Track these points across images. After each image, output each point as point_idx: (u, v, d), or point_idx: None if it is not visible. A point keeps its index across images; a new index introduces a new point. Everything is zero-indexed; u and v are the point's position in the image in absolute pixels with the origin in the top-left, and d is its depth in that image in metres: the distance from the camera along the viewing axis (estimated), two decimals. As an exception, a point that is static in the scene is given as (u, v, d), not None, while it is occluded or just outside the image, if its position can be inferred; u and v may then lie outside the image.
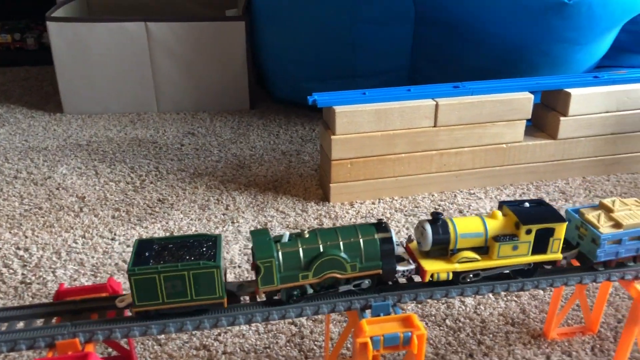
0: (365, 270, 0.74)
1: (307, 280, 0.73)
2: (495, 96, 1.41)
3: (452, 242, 0.75)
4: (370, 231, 0.74)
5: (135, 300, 0.69)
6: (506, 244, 0.75)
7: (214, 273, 0.69)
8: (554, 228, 0.76)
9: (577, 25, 1.50)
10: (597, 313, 0.99)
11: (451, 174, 1.46)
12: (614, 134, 1.51)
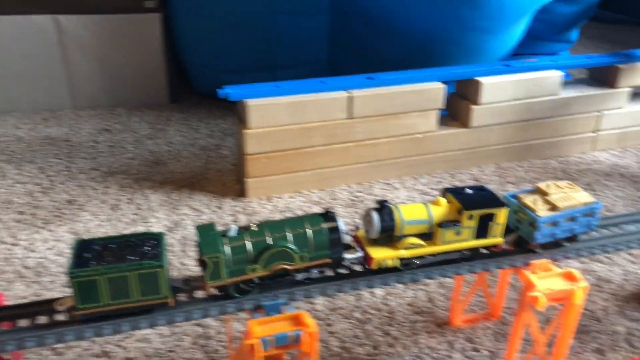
0: (315, 260, 0.74)
1: (256, 273, 0.72)
2: (409, 87, 1.42)
3: (397, 228, 0.76)
4: (318, 221, 0.74)
5: (77, 303, 0.67)
6: (450, 229, 0.77)
7: (158, 273, 0.68)
8: (495, 213, 0.78)
9: (487, 14, 1.52)
10: (499, 299, 1.01)
11: (368, 165, 1.46)
12: (525, 121, 1.55)
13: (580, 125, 1.60)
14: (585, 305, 1.05)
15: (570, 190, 0.85)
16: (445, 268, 0.80)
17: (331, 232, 0.73)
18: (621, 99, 1.61)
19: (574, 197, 0.83)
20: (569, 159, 1.60)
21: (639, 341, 0.97)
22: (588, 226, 0.85)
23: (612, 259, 1.17)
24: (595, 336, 0.98)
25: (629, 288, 1.10)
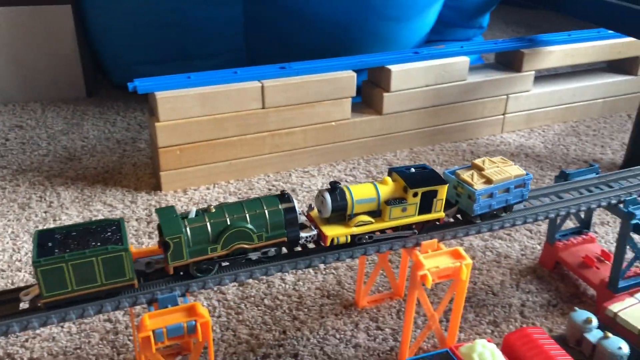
0: (272, 239, 0.77)
1: (216, 253, 0.75)
2: (321, 76, 1.45)
3: (349, 207, 0.81)
4: (274, 202, 0.77)
5: (43, 291, 0.68)
6: (396, 206, 0.82)
7: (123, 256, 0.70)
8: (437, 190, 0.83)
9: (397, 3, 1.56)
10: (401, 278, 1.05)
11: (285, 154, 1.48)
12: (435, 106, 1.60)
13: (489, 109, 1.67)
14: (484, 281, 1.11)
15: (503, 165, 0.92)
16: (354, 250, 0.83)
17: (287, 212, 0.77)
18: (527, 82, 1.69)
19: (506, 170, 0.90)
20: (478, 141, 1.67)
21: (530, 312, 1.04)
22: (521, 196, 0.92)
23: (511, 236, 1.24)
24: (492, 309, 1.04)
25: (525, 262, 1.16)
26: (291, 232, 0.78)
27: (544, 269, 1.14)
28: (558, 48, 1.68)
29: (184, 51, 1.77)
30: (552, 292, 1.08)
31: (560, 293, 1.08)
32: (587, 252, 1.10)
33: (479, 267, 1.15)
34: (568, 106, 1.77)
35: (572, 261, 1.09)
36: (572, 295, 1.08)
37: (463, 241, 1.22)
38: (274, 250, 0.79)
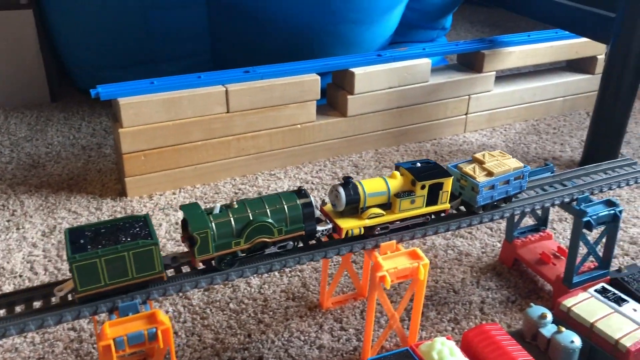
0: (290, 233, 0.81)
1: (239, 247, 0.79)
2: (285, 79, 1.46)
3: (361, 201, 0.85)
4: (293, 198, 0.81)
5: (77, 286, 0.72)
6: (405, 199, 0.86)
7: (153, 250, 0.73)
8: (443, 182, 0.88)
9: (358, 6, 1.58)
10: (365, 279, 1.07)
11: (251, 157, 1.49)
12: (399, 108, 1.63)
13: (451, 109, 1.70)
14: (446, 279, 1.14)
15: (502, 158, 0.97)
16: (313, 253, 0.85)
17: (304, 207, 0.81)
18: (488, 82, 1.73)
19: (505, 163, 0.95)
20: (442, 141, 1.70)
21: (490, 308, 1.07)
22: (519, 187, 0.97)
23: (472, 234, 1.27)
24: (453, 307, 1.07)
25: (486, 260, 1.19)
26: (309, 226, 0.82)
27: (504, 266, 1.17)
28: (518, 49, 1.72)
29: (149, 55, 1.77)
30: (511, 289, 1.11)
31: (519, 289, 1.11)
32: (544, 249, 1.13)
33: (441, 266, 1.17)
34: (529, 105, 1.82)
35: (530, 258, 1.12)
36: (530, 291, 1.11)
37: (426, 240, 1.25)
38: (291, 243, 0.83)
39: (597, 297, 0.96)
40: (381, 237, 0.89)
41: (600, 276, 1.05)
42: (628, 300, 0.95)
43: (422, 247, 1.22)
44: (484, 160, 0.95)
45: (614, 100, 1.45)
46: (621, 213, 1.00)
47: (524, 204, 0.98)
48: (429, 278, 1.14)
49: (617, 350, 0.87)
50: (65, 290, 0.75)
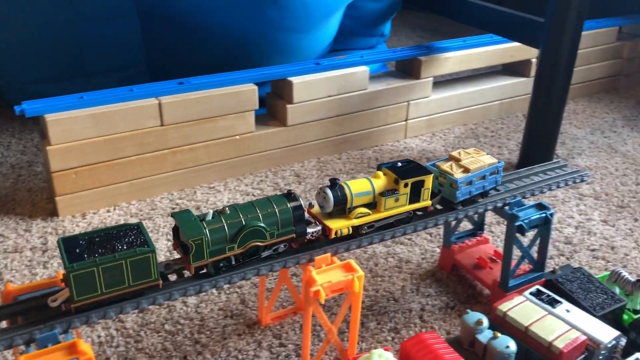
0: (282, 236, 0.83)
1: (233, 252, 0.80)
2: (221, 90, 1.43)
3: (348, 201, 0.87)
4: (283, 201, 0.83)
5: (74, 296, 0.71)
6: (390, 197, 0.89)
7: (150, 257, 0.73)
8: (424, 180, 0.91)
9: (294, 14, 1.57)
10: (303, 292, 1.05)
11: (188, 170, 1.46)
12: (339, 116, 1.62)
13: (391, 116, 1.71)
14: (386, 287, 1.13)
15: (476, 155, 1.01)
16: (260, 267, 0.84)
17: (295, 210, 0.83)
18: (426, 88, 1.74)
19: (480, 159, 0.99)
20: (383, 147, 1.70)
21: (429, 315, 1.07)
22: (495, 182, 1.01)
23: (412, 240, 1.27)
24: (393, 316, 1.06)
25: (426, 266, 1.20)
26: (299, 228, 0.84)
27: (443, 272, 1.17)
28: (454, 54, 1.75)
29: (82, 68, 1.71)
30: (450, 295, 1.12)
31: (457, 295, 1.12)
32: (480, 254, 1.14)
33: (382, 274, 1.17)
34: (467, 109, 1.84)
35: (467, 263, 1.13)
36: (468, 297, 1.11)
37: (367, 249, 1.24)
38: (283, 246, 0.84)
39: (532, 300, 0.97)
40: (316, 251, 0.88)
41: (535, 278, 1.06)
42: (561, 302, 0.97)
43: (362, 256, 1.22)
44: (460, 158, 0.99)
45: (547, 103, 1.48)
46: (552, 216, 1.02)
47: (457, 210, 0.98)
48: (369, 287, 1.13)
49: (550, 352, 0.88)
50: (59, 300, 0.73)
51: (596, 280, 1.05)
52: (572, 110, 1.98)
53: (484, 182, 0.99)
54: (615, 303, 1.00)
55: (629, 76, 2.18)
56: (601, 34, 2.05)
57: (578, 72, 2.03)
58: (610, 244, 1.27)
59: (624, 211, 1.39)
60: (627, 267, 1.20)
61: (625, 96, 2.11)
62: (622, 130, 1.83)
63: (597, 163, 1.62)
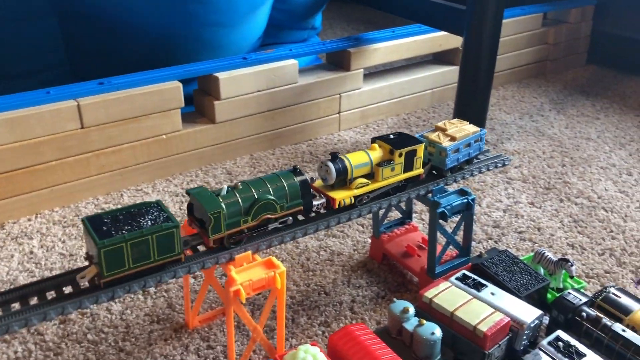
0: (291, 209, 0.87)
1: (247, 225, 0.83)
2: (144, 89, 1.39)
3: (349, 173, 0.91)
4: (290, 176, 0.87)
5: (104, 271, 0.73)
6: (386, 167, 0.94)
7: (174, 232, 0.76)
8: (417, 149, 0.96)
9: (217, 8, 1.54)
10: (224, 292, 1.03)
11: (114, 173, 1.41)
12: (271, 110, 1.60)
13: (324, 109, 1.70)
14: (317, 281, 1.12)
15: (460, 124, 1.06)
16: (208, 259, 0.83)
17: (301, 183, 0.87)
18: (357, 80, 1.74)
19: (465, 128, 1.05)
20: (317, 141, 1.69)
21: (360, 307, 1.06)
22: (479, 149, 1.08)
23: (345, 232, 1.27)
24: (324, 310, 1.05)
25: (357, 257, 1.19)
26: (306, 201, 0.88)
27: (374, 262, 1.17)
28: (383, 45, 1.75)
29: (1, 71, 1.63)
30: (380, 284, 1.12)
31: (388, 284, 1.12)
32: (409, 242, 1.14)
33: (313, 268, 1.16)
34: (399, 100, 1.85)
35: (397, 252, 1.13)
36: (399, 285, 1.12)
37: (299, 243, 1.23)
38: (291, 218, 0.88)
39: (458, 285, 0.98)
40: (236, 249, 0.86)
41: (462, 264, 1.07)
42: (487, 285, 0.98)
43: (294, 251, 1.20)
44: (446, 128, 1.04)
45: (473, 90, 1.51)
46: (474, 201, 1.03)
47: (380, 200, 0.98)
48: (300, 282, 1.12)
49: (475, 336, 0.89)
50: (88, 276, 0.75)
51: (521, 262, 1.06)
52: (502, 96, 2.02)
53: (469, 150, 1.05)
54: (538, 283, 1.02)
55: (555, 61, 2.24)
56: (527, 21, 2.10)
57: (506, 59, 2.08)
58: (537, 225, 1.30)
59: (550, 192, 1.43)
60: (552, 247, 1.23)
61: (552, 80, 2.17)
62: (549, 114, 1.88)
63: (525, 147, 1.65)
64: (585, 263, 1.18)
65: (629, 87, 2.12)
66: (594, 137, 1.73)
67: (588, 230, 1.28)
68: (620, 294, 0.98)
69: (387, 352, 0.86)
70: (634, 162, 1.58)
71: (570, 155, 1.61)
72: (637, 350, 0.87)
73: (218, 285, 1.02)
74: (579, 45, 2.30)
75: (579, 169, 1.54)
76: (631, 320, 0.94)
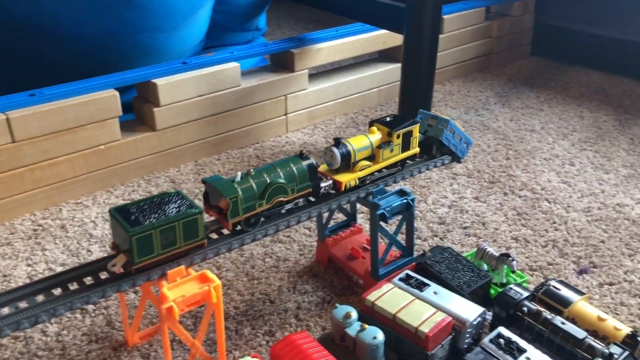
0: (300, 191, 0.92)
1: (261, 208, 0.88)
2: (78, 99, 1.34)
3: (352, 156, 0.97)
4: (298, 161, 0.93)
5: (135, 258, 0.78)
6: (386, 148, 1.00)
7: (198, 219, 0.81)
8: (412, 129, 1.03)
9: (154, 13, 1.50)
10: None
11: (51, 187, 1.36)
12: (214, 115, 1.57)
13: (269, 111, 1.67)
14: (262, 290, 1.10)
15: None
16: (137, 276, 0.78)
17: (309, 167, 0.93)
18: (302, 81, 1.72)
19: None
20: (264, 144, 1.67)
21: (305, 313, 1.05)
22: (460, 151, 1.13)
23: (291, 237, 1.25)
24: (268, 319, 1.03)
25: (304, 262, 1.18)
26: (314, 183, 0.93)
27: (321, 266, 1.16)
28: (326, 44, 1.74)
29: None
30: (326, 289, 1.10)
31: (334, 288, 1.11)
32: (354, 244, 1.13)
33: (258, 276, 1.14)
34: (346, 99, 1.84)
35: (342, 255, 1.12)
36: (344, 288, 1.11)
37: (244, 251, 1.21)
38: (302, 201, 0.93)
39: (400, 286, 0.97)
40: (167, 264, 0.83)
41: (406, 263, 1.07)
42: (430, 284, 0.98)
43: (239, 260, 1.18)
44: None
45: (415, 87, 1.51)
46: (414, 201, 1.03)
47: (320, 205, 0.96)
48: (245, 292, 1.10)
49: (418, 337, 0.88)
50: (118, 264, 0.79)
51: (463, 259, 1.07)
52: (448, 91, 2.03)
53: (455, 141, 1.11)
54: (481, 280, 1.02)
55: (500, 54, 2.27)
56: (470, 15, 2.12)
57: (452, 54, 2.09)
58: (481, 220, 1.31)
59: (495, 186, 1.44)
60: (497, 242, 1.24)
61: (497, 74, 2.19)
62: (494, 107, 1.90)
63: (471, 141, 1.66)
64: (529, 256, 1.19)
65: (571, 77, 2.16)
66: (538, 128, 1.75)
67: (531, 223, 1.30)
68: (560, 287, 0.99)
69: (330, 359, 0.85)
70: (576, 152, 1.61)
71: (515, 147, 1.63)
72: (575, 342, 0.88)
73: (156, 300, 0.99)
74: (522, 37, 2.34)
75: (522, 162, 1.56)
76: (571, 312, 0.95)
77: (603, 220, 1.31)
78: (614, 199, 1.39)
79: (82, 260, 1.18)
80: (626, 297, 1.08)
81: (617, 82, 2.10)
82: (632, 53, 2.14)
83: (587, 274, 1.14)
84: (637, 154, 1.60)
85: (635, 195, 1.40)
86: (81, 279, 0.81)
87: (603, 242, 1.23)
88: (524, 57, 2.37)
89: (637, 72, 2.12)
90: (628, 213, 1.33)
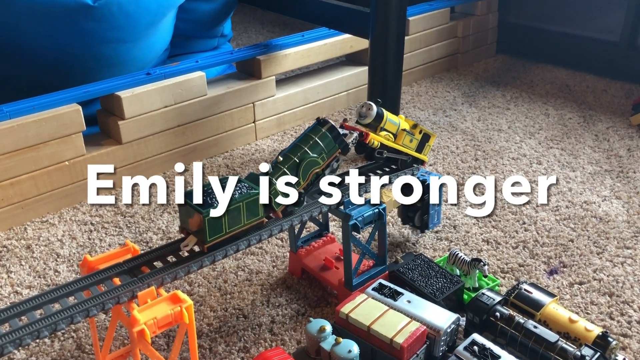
0: (330, 156, 0.96)
1: (301, 186, 0.94)
2: (39, 115, 1.31)
3: (383, 120, 1.06)
4: (318, 129, 0.96)
5: (207, 237, 0.84)
6: (409, 135, 1.11)
7: (258, 198, 0.87)
8: (430, 136, 1.15)
9: (115, 24, 1.47)
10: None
11: (15, 206, 1.32)
12: (181, 126, 1.55)
13: (237, 119, 1.66)
14: (235, 304, 1.09)
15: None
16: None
17: (330, 131, 0.96)
18: (269, 87, 1.71)
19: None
20: (234, 152, 1.65)
21: (280, 327, 1.04)
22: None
23: (263, 249, 1.24)
24: (242, 334, 1.02)
25: (277, 274, 1.17)
26: (341, 143, 0.97)
27: (294, 278, 1.15)
28: (293, 50, 1.73)
29: None
30: (300, 301, 1.10)
31: (308, 300, 1.10)
32: (327, 254, 1.13)
33: (231, 291, 1.12)
34: (315, 104, 1.84)
35: (315, 265, 1.11)
36: (319, 300, 1.10)
37: (216, 265, 1.19)
38: (335, 162, 0.97)
39: (374, 296, 0.97)
40: (137, 286, 0.81)
41: (379, 272, 1.07)
42: (403, 293, 0.98)
43: (211, 274, 1.17)
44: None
45: (382, 91, 1.51)
46: (385, 210, 1.03)
47: (292, 217, 0.96)
48: (218, 307, 1.08)
49: (393, 348, 0.88)
50: (190, 245, 0.85)
51: (435, 265, 1.07)
52: (416, 92, 2.04)
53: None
54: (453, 285, 1.03)
55: (466, 53, 2.29)
56: (435, 16, 2.13)
57: (418, 55, 2.10)
58: (452, 224, 1.31)
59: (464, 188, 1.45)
60: (468, 245, 1.24)
61: (463, 73, 2.21)
62: (462, 108, 1.91)
63: (439, 143, 1.67)
64: (500, 258, 1.20)
65: (536, 74, 2.19)
66: (505, 128, 1.77)
67: (502, 224, 1.31)
68: (531, 289, 1.00)
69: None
70: (543, 151, 1.63)
71: (483, 148, 1.65)
72: (548, 345, 0.89)
73: (127, 321, 0.97)
74: (487, 36, 2.36)
75: (491, 162, 1.57)
76: (542, 315, 0.96)
77: (571, 218, 1.33)
78: (581, 197, 1.41)
79: (49, 281, 1.15)
80: (596, 296, 1.10)
81: (580, 79, 2.14)
82: (593, 49, 2.18)
83: (558, 274, 1.16)
84: (601, 151, 1.63)
85: (602, 192, 1.43)
86: (48, 305, 0.79)
87: (572, 240, 1.25)
88: (490, 55, 2.40)
89: (598, 68, 2.16)
90: (595, 210, 1.36)
